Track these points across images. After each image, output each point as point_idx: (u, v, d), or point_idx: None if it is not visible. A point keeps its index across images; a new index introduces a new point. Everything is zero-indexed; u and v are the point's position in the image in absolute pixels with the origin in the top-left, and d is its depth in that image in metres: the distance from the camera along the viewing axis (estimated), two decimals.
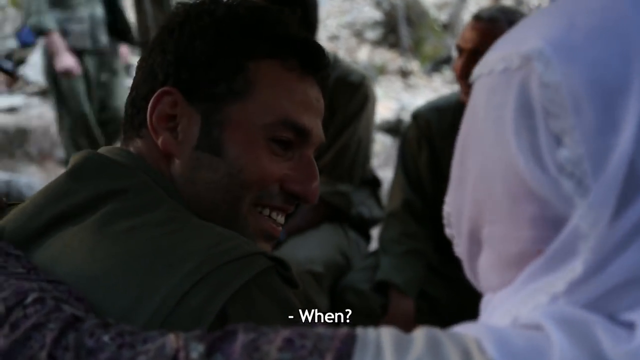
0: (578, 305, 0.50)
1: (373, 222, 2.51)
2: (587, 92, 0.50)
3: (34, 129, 5.88)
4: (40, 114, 6.06)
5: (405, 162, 2.30)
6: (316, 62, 0.92)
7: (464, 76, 2.03)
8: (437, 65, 7.45)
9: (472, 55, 2.00)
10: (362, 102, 2.36)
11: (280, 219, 0.94)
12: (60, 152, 5.78)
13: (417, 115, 2.29)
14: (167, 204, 0.83)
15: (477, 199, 0.59)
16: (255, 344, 0.54)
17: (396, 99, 6.60)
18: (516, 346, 0.48)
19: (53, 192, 0.84)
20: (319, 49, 0.93)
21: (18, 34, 7.63)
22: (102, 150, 0.91)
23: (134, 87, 0.93)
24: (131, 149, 0.91)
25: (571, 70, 0.51)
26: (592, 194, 0.49)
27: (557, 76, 0.51)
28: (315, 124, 0.92)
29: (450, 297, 2.27)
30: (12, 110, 6.10)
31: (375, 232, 2.67)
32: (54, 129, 5.98)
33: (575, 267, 0.50)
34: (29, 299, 0.66)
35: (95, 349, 0.59)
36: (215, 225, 0.83)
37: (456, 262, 2.65)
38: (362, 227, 2.50)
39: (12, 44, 7.55)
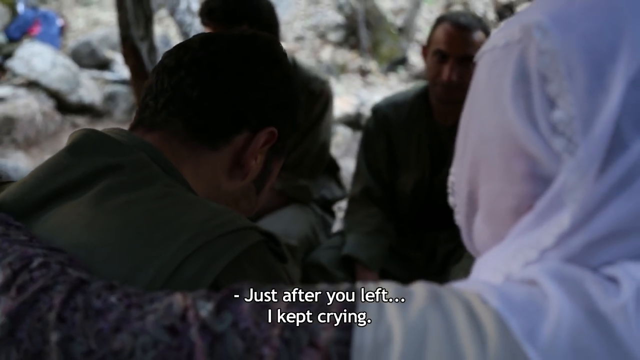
0: (565, 260, 0.49)
1: (335, 200, 2.58)
2: (580, 59, 0.50)
3: (20, 117, 5.71)
4: (26, 104, 5.89)
5: (366, 152, 2.31)
6: None
7: (452, 78, 1.97)
8: (392, 65, 7.45)
9: (461, 61, 1.97)
10: (323, 109, 2.38)
11: None
12: (44, 140, 5.64)
13: (376, 110, 2.29)
14: (162, 180, 0.79)
15: (475, 161, 0.58)
16: (263, 301, 0.52)
17: (356, 95, 6.58)
18: (517, 298, 0.47)
19: (52, 167, 0.80)
20: None
21: (6, 30, 7.44)
22: (102, 129, 0.86)
23: (241, 90, 0.89)
24: (153, 137, 0.88)
25: (567, 39, 0.51)
26: (580, 150, 0.49)
27: (554, 44, 0.51)
28: None
29: (407, 277, 2.27)
30: (0, 100, 5.93)
31: (336, 207, 2.66)
32: (39, 118, 5.83)
33: (563, 221, 0.49)
34: (35, 263, 0.62)
35: (104, 310, 0.55)
36: (210, 200, 0.80)
37: (412, 243, 2.62)
38: (326, 206, 2.55)
39: (0, 39, 7.33)
